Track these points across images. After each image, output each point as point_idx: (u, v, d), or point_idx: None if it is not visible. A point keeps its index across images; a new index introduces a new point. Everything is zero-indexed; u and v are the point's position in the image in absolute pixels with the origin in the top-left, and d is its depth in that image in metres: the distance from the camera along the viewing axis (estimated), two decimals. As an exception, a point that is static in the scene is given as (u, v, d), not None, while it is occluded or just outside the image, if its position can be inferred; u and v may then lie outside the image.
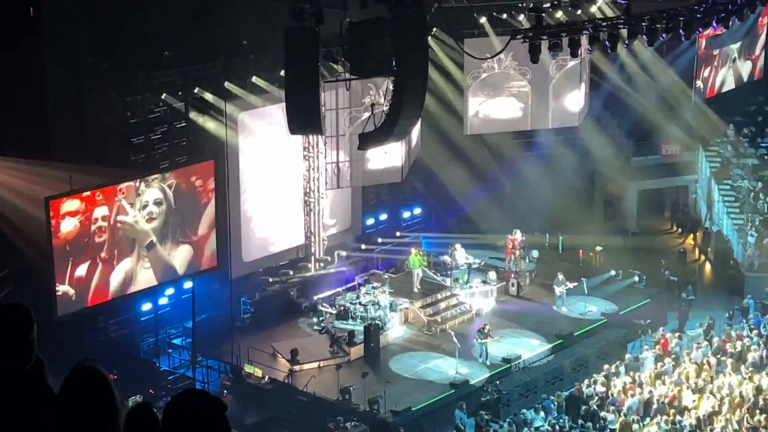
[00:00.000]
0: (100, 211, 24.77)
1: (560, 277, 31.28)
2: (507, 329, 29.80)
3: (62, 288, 24.38)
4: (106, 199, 24.91)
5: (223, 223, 27.96)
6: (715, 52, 37.14)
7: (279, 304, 30.59)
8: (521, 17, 32.49)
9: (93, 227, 24.69)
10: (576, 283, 31.08)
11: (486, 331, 28.10)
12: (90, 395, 3.83)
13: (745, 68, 38.22)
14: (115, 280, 25.51)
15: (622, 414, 24.94)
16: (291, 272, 31.50)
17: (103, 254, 25.11)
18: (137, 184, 25.49)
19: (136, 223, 25.63)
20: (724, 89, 38.10)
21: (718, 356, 27.73)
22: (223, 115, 28.64)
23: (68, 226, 24.21)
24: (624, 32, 23.30)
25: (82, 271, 24.71)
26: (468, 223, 35.45)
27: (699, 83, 37.24)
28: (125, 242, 25.62)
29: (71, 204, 24.23)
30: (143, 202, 25.63)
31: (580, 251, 34.72)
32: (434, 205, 36.74)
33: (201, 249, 27.08)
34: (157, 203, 25.92)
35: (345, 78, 24.69)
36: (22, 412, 3.94)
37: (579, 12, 32.04)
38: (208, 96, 28.68)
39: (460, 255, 31.91)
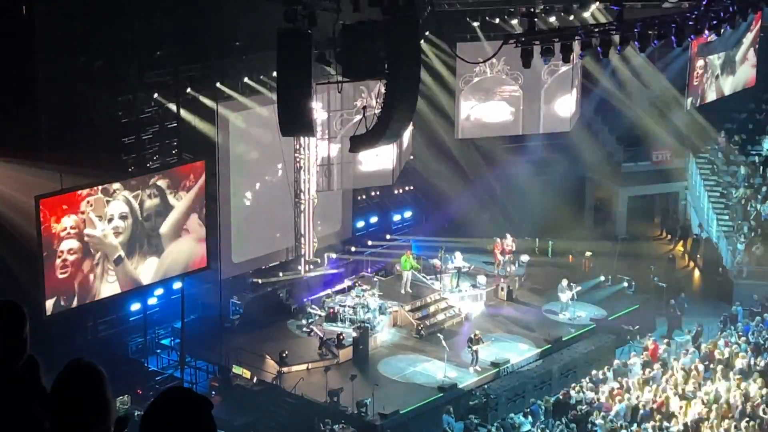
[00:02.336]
0: (63, 224, 23.76)
1: (564, 283, 31.16)
2: (496, 333, 29.85)
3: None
4: (70, 211, 23.95)
5: (213, 224, 27.91)
6: (699, 64, 37.00)
7: (268, 306, 30.58)
8: (514, 22, 32.57)
9: (54, 242, 23.79)
10: (579, 288, 31.04)
11: (476, 338, 28.11)
12: (82, 390, 3.83)
13: (727, 84, 38.18)
14: (80, 291, 24.65)
15: (608, 420, 24.95)
16: (281, 274, 31.47)
17: (67, 268, 24.27)
18: (101, 194, 24.53)
19: (105, 237, 24.78)
20: (707, 102, 38.14)
21: (706, 363, 27.77)
22: (215, 116, 28.60)
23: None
24: (616, 38, 23.33)
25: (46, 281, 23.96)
26: (458, 227, 35.48)
27: (690, 90, 37.25)
28: (92, 256, 24.64)
29: None
30: (109, 215, 24.84)
31: (570, 256, 34.76)
32: (424, 208, 36.74)
33: (190, 251, 26.86)
34: (122, 217, 25.06)
35: (337, 80, 24.64)
36: (14, 409, 3.93)
37: (571, 17, 32.15)
38: (200, 96, 28.65)
39: (458, 260, 31.87)
